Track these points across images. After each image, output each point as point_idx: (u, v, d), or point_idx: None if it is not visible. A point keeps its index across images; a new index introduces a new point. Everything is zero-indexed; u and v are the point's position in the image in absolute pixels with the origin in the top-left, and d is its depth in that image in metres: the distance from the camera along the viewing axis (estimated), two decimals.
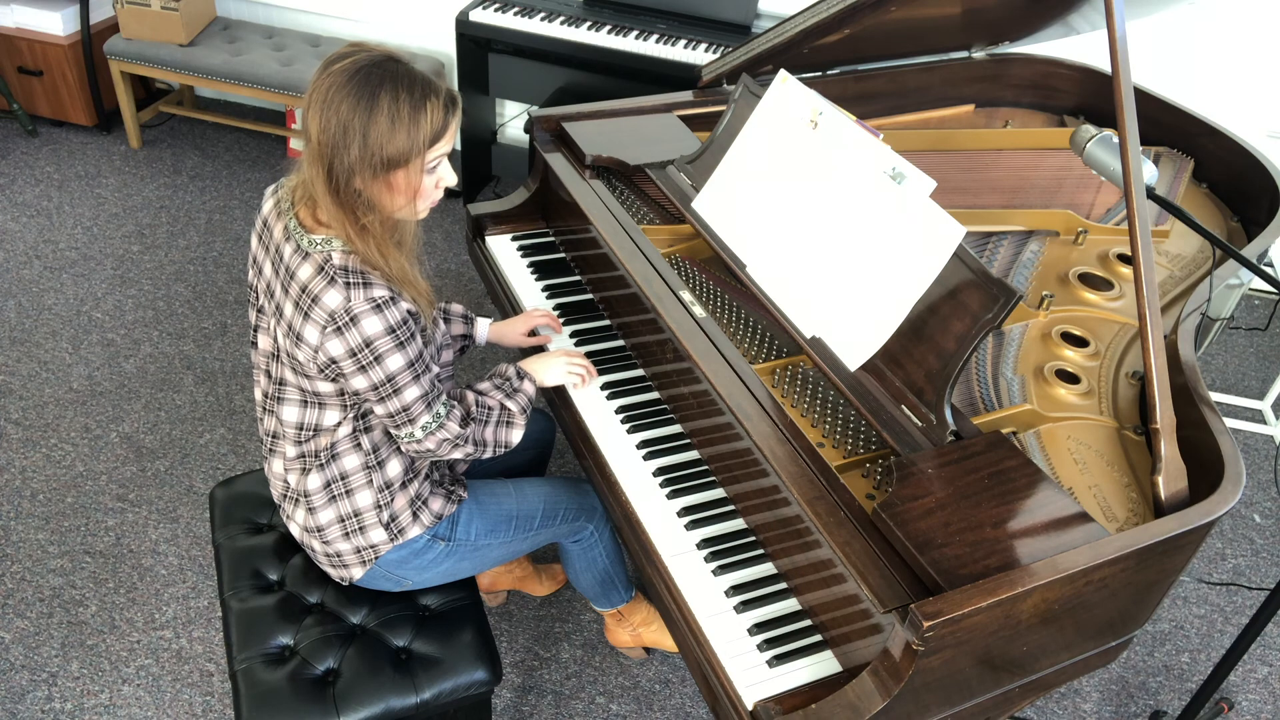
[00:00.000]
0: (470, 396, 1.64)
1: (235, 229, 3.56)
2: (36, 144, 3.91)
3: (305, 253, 1.44)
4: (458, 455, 1.61)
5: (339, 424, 1.55)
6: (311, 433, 1.57)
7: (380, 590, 1.74)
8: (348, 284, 1.40)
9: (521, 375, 1.75)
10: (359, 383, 1.45)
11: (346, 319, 1.40)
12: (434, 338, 1.58)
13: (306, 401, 1.54)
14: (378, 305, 1.41)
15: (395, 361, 1.44)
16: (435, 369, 1.55)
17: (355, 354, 1.42)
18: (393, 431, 1.55)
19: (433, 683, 1.64)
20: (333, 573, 1.71)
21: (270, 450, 1.66)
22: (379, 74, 1.36)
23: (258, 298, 1.58)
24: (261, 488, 1.90)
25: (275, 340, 1.53)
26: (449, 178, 1.50)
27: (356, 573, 1.68)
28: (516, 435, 1.68)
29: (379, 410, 1.50)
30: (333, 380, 1.48)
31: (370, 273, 1.43)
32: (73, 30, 3.72)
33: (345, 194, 1.40)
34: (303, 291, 1.42)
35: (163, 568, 2.37)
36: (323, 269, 1.42)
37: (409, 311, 1.45)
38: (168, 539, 2.44)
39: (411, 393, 1.48)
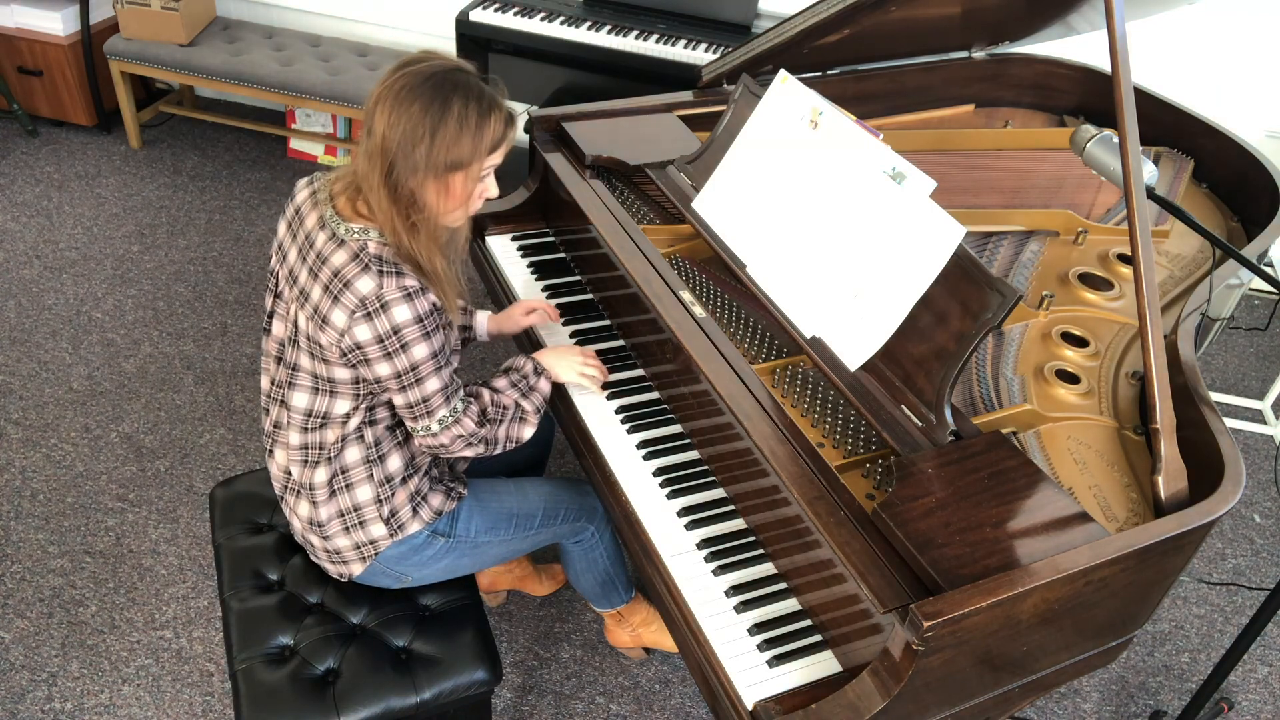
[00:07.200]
0: (486, 395, 1.65)
1: (235, 229, 3.55)
2: (36, 144, 3.91)
3: (340, 240, 1.48)
4: (469, 454, 1.63)
5: (348, 417, 1.56)
6: (320, 421, 1.58)
7: (380, 590, 1.74)
8: (381, 271, 1.45)
9: (539, 371, 1.76)
10: (382, 369, 1.48)
11: (377, 305, 1.43)
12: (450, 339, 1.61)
13: (319, 389, 1.56)
14: (409, 294, 1.45)
15: (420, 350, 1.47)
16: (455, 363, 1.58)
17: (382, 340, 1.45)
18: (409, 424, 1.57)
19: (433, 683, 1.64)
20: (331, 569, 1.71)
21: (274, 442, 1.67)
22: (452, 81, 1.44)
23: (277, 283, 1.60)
24: (262, 487, 1.90)
25: (294, 325, 1.55)
26: (492, 189, 1.57)
27: (356, 569, 1.68)
28: (529, 431, 1.70)
29: (398, 401, 1.53)
30: (353, 366, 1.50)
31: (403, 264, 1.47)
32: (73, 30, 3.72)
33: (401, 191, 1.45)
34: (334, 276, 1.46)
35: (163, 568, 2.37)
36: (358, 256, 1.46)
37: (434, 304, 1.49)
38: (168, 539, 2.44)
39: (433, 384, 1.51)
